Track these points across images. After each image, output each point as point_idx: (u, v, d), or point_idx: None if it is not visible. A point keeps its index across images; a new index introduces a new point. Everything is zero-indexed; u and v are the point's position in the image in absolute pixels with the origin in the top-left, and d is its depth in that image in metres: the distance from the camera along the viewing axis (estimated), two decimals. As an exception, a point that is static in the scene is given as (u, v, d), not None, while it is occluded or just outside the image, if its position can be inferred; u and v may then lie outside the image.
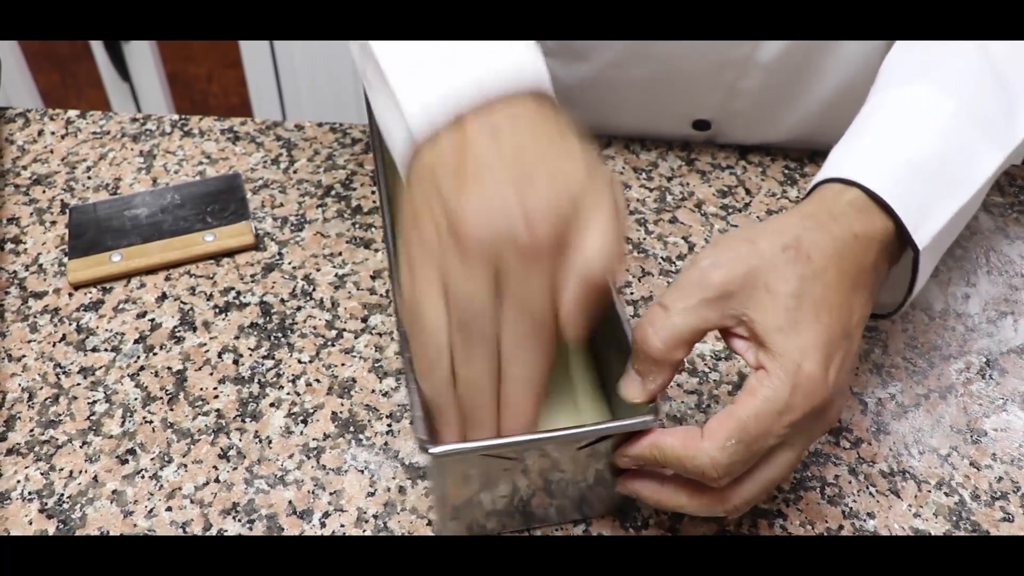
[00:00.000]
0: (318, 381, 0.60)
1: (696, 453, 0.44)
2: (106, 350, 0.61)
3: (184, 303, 0.64)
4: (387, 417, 0.58)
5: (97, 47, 1.75)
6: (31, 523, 0.52)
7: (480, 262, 0.42)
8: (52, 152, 0.76)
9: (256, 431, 0.57)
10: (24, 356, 0.61)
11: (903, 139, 0.51)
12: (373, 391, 0.59)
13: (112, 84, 1.82)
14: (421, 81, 0.44)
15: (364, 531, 0.52)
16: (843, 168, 0.49)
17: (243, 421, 0.57)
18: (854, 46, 0.70)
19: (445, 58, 0.44)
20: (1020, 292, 0.68)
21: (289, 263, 0.67)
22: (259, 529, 0.52)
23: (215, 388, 0.59)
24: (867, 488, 0.55)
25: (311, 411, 0.58)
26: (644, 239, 0.70)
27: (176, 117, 0.80)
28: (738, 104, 0.75)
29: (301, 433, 0.57)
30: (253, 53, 1.72)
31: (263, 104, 1.81)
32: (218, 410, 0.58)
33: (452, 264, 0.42)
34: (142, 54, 1.75)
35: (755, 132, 0.78)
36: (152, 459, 0.55)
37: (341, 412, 0.58)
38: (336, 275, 0.66)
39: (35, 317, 0.63)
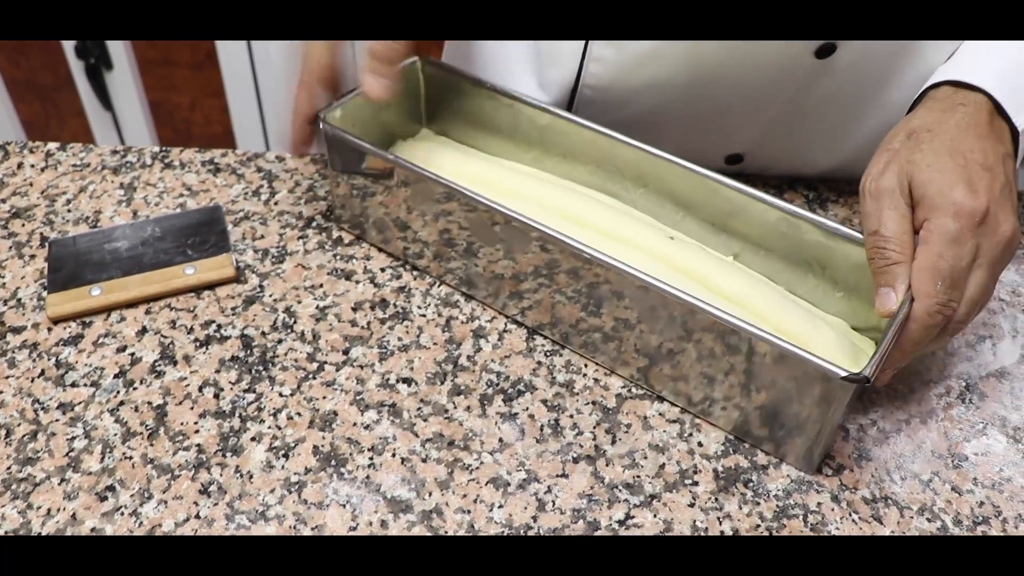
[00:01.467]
0: (299, 414, 0.59)
1: (924, 317, 0.53)
2: (85, 385, 0.61)
3: (164, 337, 0.64)
4: (369, 450, 0.57)
5: (79, 76, 1.75)
6: (9, 563, 0.52)
7: None
8: (32, 185, 0.75)
9: (237, 466, 0.57)
10: (2, 392, 0.60)
11: (993, 50, 0.60)
12: (355, 424, 0.59)
13: (94, 113, 1.82)
14: None
15: (346, 566, 0.52)
16: (939, 75, 0.60)
17: (224, 456, 0.57)
18: (905, 94, 0.71)
19: None
20: (997, 316, 0.69)
21: (270, 295, 0.67)
22: (240, 565, 0.52)
23: (196, 423, 0.59)
24: (850, 515, 0.55)
25: (292, 445, 0.58)
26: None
27: (157, 149, 0.79)
28: (774, 139, 0.75)
29: (282, 467, 0.56)
30: (236, 82, 1.72)
31: (246, 133, 1.81)
32: (199, 445, 0.58)
33: None
34: (124, 83, 1.75)
35: (787, 164, 0.79)
36: (132, 496, 0.55)
37: (323, 446, 0.58)
38: (317, 307, 0.66)
39: (13, 352, 0.63)
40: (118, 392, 0.60)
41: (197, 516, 0.54)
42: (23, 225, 0.72)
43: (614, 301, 0.58)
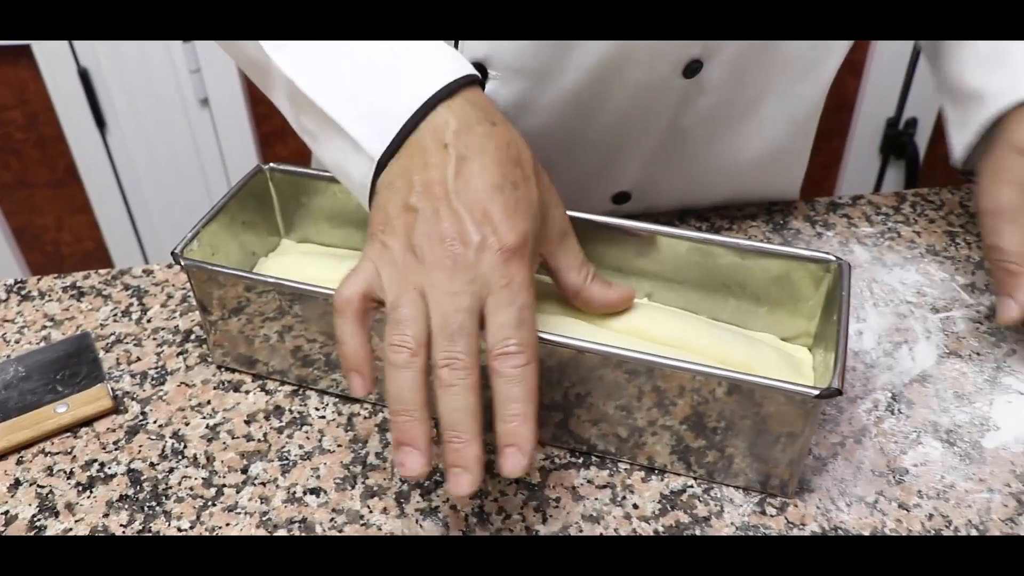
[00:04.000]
0: (202, 549, 0.54)
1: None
2: (-44, 558, 0.54)
3: (41, 487, 0.58)
4: (284, 575, 0.52)
5: (-68, 213, 1.65)
6: None
7: None
8: None
9: (139, 619, 0.51)
10: None
11: None
12: (264, 549, 0.54)
13: (-47, 249, 1.72)
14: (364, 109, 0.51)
15: None
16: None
17: (123, 611, 0.51)
18: (778, 110, 0.70)
19: (374, 79, 0.52)
20: (908, 319, 0.68)
21: (155, 422, 0.62)
22: None
23: (87, 578, 0.53)
24: (802, 554, 0.53)
25: (199, 584, 0.52)
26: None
27: (11, 281, 0.74)
28: (659, 171, 0.73)
29: (190, 612, 0.51)
30: (101, 195, 1.65)
31: (120, 246, 1.74)
32: (93, 603, 0.52)
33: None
34: (-19, 212, 1.66)
35: (675, 198, 0.77)
36: (21, 677, 0.49)
37: (232, 579, 0.52)
38: (207, 426, 0.61)
39: None
40: (-6, 559, 0.54)
41: None
42: None
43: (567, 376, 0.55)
